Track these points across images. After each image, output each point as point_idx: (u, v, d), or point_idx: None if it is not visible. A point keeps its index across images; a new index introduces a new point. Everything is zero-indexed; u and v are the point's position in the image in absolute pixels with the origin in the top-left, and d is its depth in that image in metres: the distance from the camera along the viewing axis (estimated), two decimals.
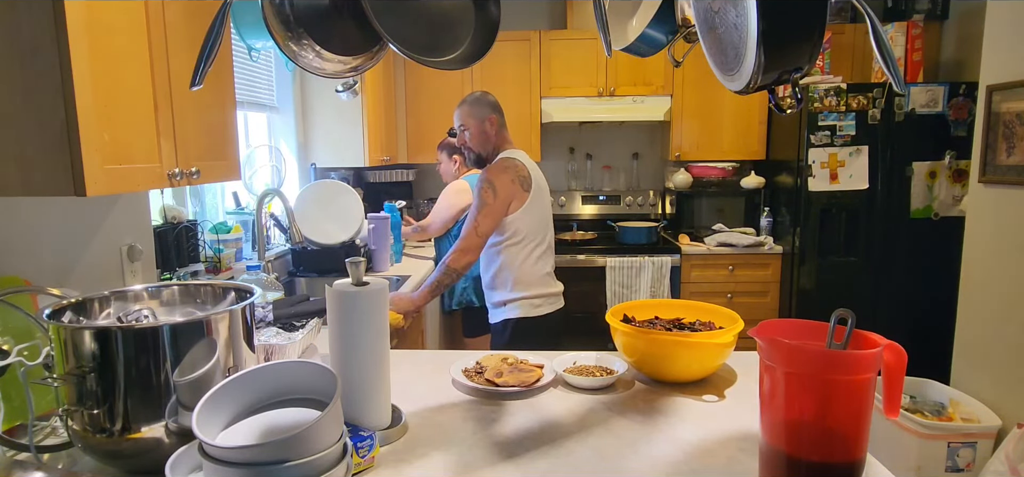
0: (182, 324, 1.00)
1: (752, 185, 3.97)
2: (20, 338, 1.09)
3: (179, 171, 1.51)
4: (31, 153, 1.17)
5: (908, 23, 3.48)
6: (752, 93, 0.91)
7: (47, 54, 1.14)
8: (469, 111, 2.30)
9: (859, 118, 3.39)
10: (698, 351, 1.39)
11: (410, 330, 2.76)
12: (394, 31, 0.98)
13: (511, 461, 1.08)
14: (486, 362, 1.50)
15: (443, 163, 3.30)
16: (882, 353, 0.91)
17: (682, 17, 1.19)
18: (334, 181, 3.03)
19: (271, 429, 0.93)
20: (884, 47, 0.83)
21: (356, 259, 1.15)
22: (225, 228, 2.43)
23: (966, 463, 2.50)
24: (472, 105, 2.30)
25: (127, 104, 1.35)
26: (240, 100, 2.55)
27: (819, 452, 0.91)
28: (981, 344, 2.65)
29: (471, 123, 2.29)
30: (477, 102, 2.30)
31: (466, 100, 2.33)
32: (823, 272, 3.56)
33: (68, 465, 1.07)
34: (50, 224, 1.55)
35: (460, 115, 2.32)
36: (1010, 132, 2.49)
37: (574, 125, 4.32)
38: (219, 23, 0.96)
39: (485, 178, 2.21)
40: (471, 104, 2.30)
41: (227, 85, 1.79)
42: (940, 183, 3.41)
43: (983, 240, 2.65)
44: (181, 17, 1.53)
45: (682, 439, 1.17)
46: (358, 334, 1.12)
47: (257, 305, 1.55)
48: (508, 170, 2.22)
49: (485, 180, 2.20)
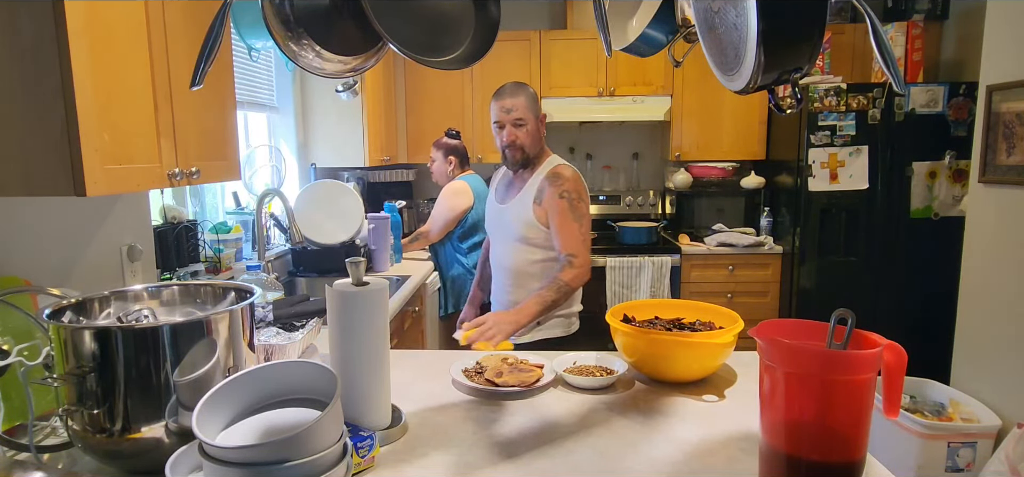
0: (182, 324, 1.00)
1: (752, 185, 3.97)
2: (20, 338, 1.09)
3: (179, 171, 1.51)
4: (31, 153, 1.17)
5: (908, 23, 3.48)
6: (752, 93, 0.91)
7: (47, 54, 1.14)
8: (528, 105, 1.98)
9: (859, 118, 3.39)
10: (698, 351, 1.39)
11: (410, 330, 2.76)
12: (394, 31, 0.98)
13: (511, 461, 1.08)
14: (486, 362, 1.50)
15: (437, 162, 3.24)
16: (882, 353, 0.91)
17: (682, 17, 1.19)
18: (334, 181, 3.03)
19: (271, 429, 0.93)
20: (884, 47, 0.83)
21: (356, 259, 1.15)
22: (225, 228, 2.43)
23: (966, 463, 2.50)
24: (532, 98, 1.99)
25: (127, 104, 1.35)
26: (240, 100, 2.55)
27: (819, 452, 0.91)
28: (981, 344, 2.65)
29: (530, 118, 1.98)
30: (534, 96, 2.01)
31: (523, 89, 1.99)
32: (823, 272, 3.56)
33: (68, 465, 1.07)
34: (50, 224, 1.55)
35: (517, 107, 1.96)
36: (1010, 132, 2.49)
37: (574, 125, 4.32)
38: (219, 23, 0.96)
39: (569, 188, 1.93)
40: (531, 96, 1.99)
41: (227, 85, 1.79)
42: (940, 183, 3.41)
43: (983, 240, 2.65)
44: (181, 17, 1.53)
45: (682, 439, 1.17)
46: (358, 334, 1.12)
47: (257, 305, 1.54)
48: (580, 180, 2.00)
49: (571, 191, 1.93)
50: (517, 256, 2.03)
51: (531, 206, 1.98)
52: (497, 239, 2.12)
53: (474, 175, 3.23)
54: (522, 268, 2.02)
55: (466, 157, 3.26)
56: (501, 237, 2.08)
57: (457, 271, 3.16)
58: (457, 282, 3.17)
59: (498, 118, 1.99)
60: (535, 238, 1.99)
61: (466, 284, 3.12)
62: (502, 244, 2.08)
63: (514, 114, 1.96)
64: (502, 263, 2.09)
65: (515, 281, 2.04)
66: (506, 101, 1.97)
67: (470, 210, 3.09)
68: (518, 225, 2.00)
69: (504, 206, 2.07)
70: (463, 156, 3.24)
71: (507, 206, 2.05)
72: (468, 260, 3.12)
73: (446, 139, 3.25)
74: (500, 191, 2.14)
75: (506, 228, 2.05)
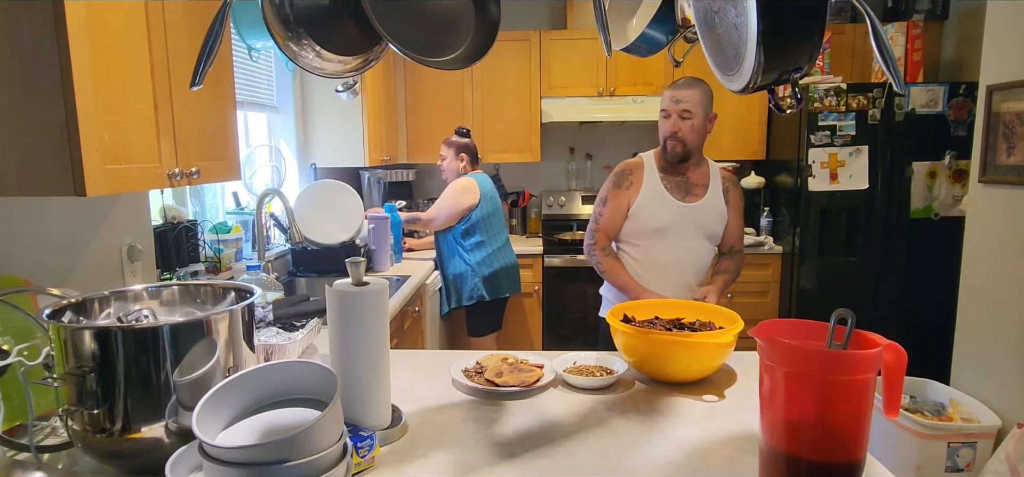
0: (182, 324, 1.00)
1: (752, 185, 3.97)
2: (20, 338, 1.09)
3: (179, 171, 1.51)
4: (31, 153, 1.17)
5: (908, 23, 3.48)
6: (752, 93, 0.91)
7: (47, 54, 1.14)
8: (699, 100, 2.00)
9: (859, 118, 3.39)
10: (698, 351, 1.39)
11: (410, 330, 2.76)
12: (394, 31, 0.98)
13: (511, 461, 1.08)
14: (486, 362, 1.50)
15: (448, 160, 3.26)
16: (882, 353, 0.91)
17: (682, 17, 1.19)
18: (334, 181, 3.03)
19: (271, 429, 0.93)
20: (884, 47, 0.83)
21: (356, 259, 1.14)
22: (225, 228, 2.43)
23: (966, 463, 2.50)
24: (706, 95, 2.02)
25: (127, 104, 1.35)
26: (240, 100, 2.55)
27: (819, 452, 0.91)
28: (981, 344, 2.65)
29: (699, 114, 2.00)
30: (709, 94, 2.03)
31: (698, 84, 2.02)
32: (823, 272, 3.56)
33: (68, 465, 1.07)
34: (50, 224, 1.55)
35: (688, 100, 1.99)
36: (1010, 132, 2.49)
37: (574, 125, 4.32)
38: (219, 23, 0.96)
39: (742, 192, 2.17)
40: (705, 93, 2.02)
41: (227, 85, 1.79)
42: (940, 183, 3.41)
43: (983, 240, 2.65)
44: (181, 17, 1.53)
45: (682, 439, 1.17)
46: (358, 334, 1.12)
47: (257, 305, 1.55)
48: None
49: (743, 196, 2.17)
50: (702, 251, 2.10)
51: (723, 205, 2.10)
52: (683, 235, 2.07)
53: (483, 174, 3.23)
54: (704, 262, 2.11)
55: (476, 155, 3.28)
56: (689, 234, 2.07)
57: (459, 268, 3.16)
58: (459, 279, 3.17)
59: (666, 106, 2.02)
60: (718, 233, 2.12)
61: (467, 281, 3.12)
62: (691, 240, 2.08)
63: (683, 105, 1.98)
64: (682, 260, 2.08)
65: (696, 277, 2.10)
66: (678, 92, 2.00)
67: (475, 207, 3.10)
68: (713, 222, 2.08)
69: (696, 204, 2.07)
70: (473, 154, 3.26)
71: (700, 204, 2.07)
72: (471, 257, 3.13)
73: (457, 137, 3.26)
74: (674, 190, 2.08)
75: (698, 225, 2.07)
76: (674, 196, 2.08)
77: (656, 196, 2.08)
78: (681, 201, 2.07)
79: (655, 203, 2.08)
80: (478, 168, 3.28)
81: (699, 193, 2.09)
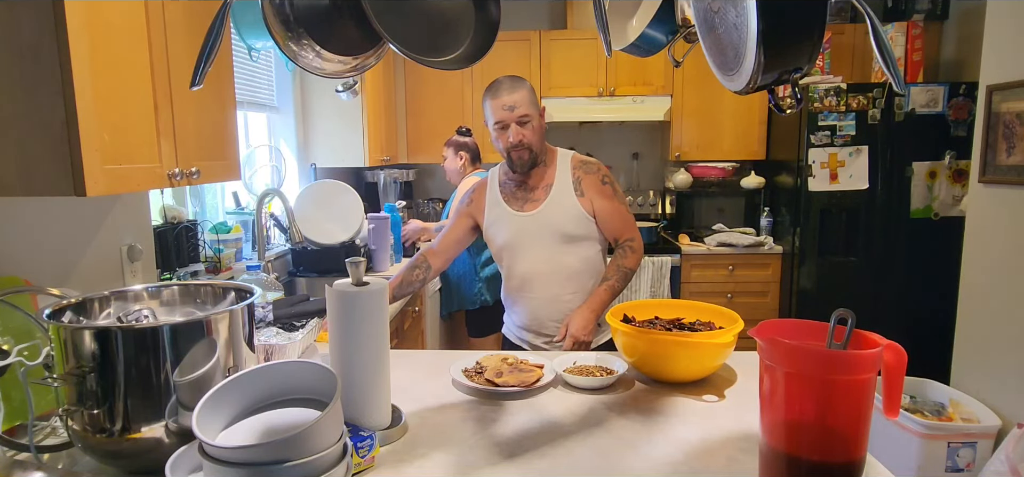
0: (182, 324, 1.00)
1: (752, 185, 3.97)
2: (20, 338, 1.09)
3: (179, 171, 1.51)
4: (31, 153, 1.17)
5: (908, 23, 3.48)
6: (752, 93, 0.91)
7: (47, 54, 1.13)
8: (530, 99, 1.83)
9: (859, 118, 3.39)
10: (698, 351, 1.39)
11: (410, 330, 2.76)
12: (394, 31, 0.98)
13: (511, 461, 1.08)
14: (486, 362, 1.50)
15: (449, 159, 3.27)
16: (882, 353, 0.91)
17: (682, 17, 1.19)
18: (334, 181, 3.03)
19: (271, 429, 0.93)
20: (884, 47, 0.83)
21: (356, 259, 1.14)
22: (225, 228, 2.43)
23: (966, 463, 2.50)
24: (532, 91, 1.86)
25: (127, 104, 1.35)
26: (240, 100, 2.55)
27: (819, 452, 0.91)
28: (981, 344, 2.65)
29: (534, 114, 1.82)
30: (533, 89, 1.87)
31: (522, 83, 1.85)
32: (823, 272, 3.56)
33: (68, 465, 1.07)
34: (50, 224, 1.55)
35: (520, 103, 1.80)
36: (1010, 132, 2.49)
37: (574, 125, 4.32)
38: (219, 23, 0.96)
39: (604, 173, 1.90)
40: (531, 90, 1.85)
41: (227, 85, 1.79)
42: (940, 183, 3.41)
43: (983, 240, 2.65)
44: (181, 17, 1.53)
45: (682, 439, 1.17)
46: (358, 334, 1.12)
47: (257, 305, 1.55)
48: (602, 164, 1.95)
49: (606, 175, 1.90)
50: (567, 255, 1.86)
51: (575, 200, 1.85)
52: (530, 248, 1.88)
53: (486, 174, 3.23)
54: (575, 267, 1.87)
55: (477, 154, 3.28)
56: (538, 244, 1.87)
57: (461, 269, 3.16)
58: (462, 282, 3.16)
59: (499, 117, 1.80)
60: (583, 232, 1.87)
61: (468, 283, 3.12)
62: (541, 250, 1.87)
63: (518, 111, 1.79)
64: (542, 271, 1.88)
65: (570, 284, 1.88)
66: (505, 98, 1.79)
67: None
68: (564, 223, 1.85)
69: (534, 211, 1.87)
70: (474, 153, 3.26)
71: (540, 210, 1.87)
72: (474, 259, 3.12)
73: (457, 137, 3.26)
74: (511, 201, 1.92)
75: (543, 232, 1.86)
76: (512, 208, 1.91)
77: (496, 213, 1.93)
78: (518, 211, 1.89)
79: (496, 220, 1.93)
80: (479, 167, 3.28)
81: (540, 197, 1.88)
